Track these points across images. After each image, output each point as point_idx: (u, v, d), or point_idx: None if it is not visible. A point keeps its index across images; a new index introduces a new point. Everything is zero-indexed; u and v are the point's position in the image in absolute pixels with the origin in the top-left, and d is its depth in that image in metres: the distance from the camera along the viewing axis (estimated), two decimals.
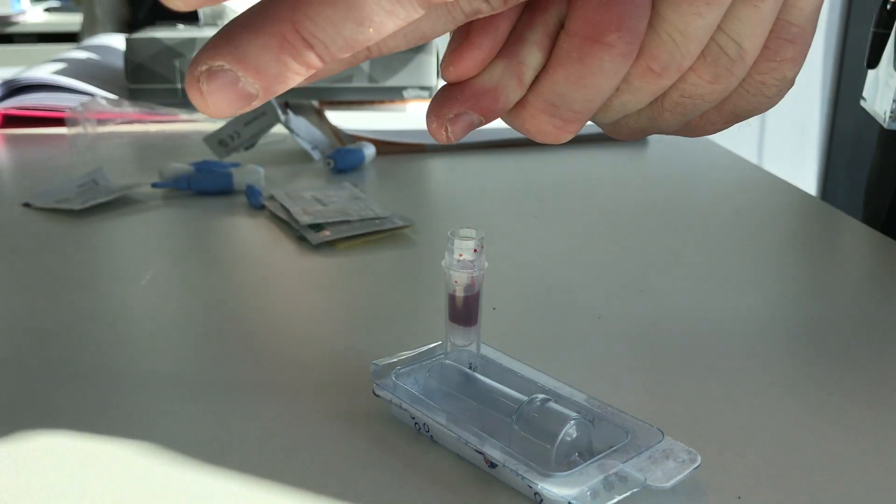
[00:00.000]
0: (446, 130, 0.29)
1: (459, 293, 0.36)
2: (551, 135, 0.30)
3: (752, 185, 0.73)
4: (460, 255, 0.35)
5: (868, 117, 0.72)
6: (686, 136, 0.34)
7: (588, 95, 0.28)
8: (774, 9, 0.29)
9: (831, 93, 2.24)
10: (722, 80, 0.30)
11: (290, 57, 0.24)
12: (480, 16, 0.27)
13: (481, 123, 0.29)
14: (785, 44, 0.31)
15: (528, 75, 0.29)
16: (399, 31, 0.26)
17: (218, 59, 0.24)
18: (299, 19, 0.23)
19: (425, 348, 0.38)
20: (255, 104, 0.25)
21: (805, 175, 2.30)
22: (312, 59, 0.24)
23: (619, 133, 0.34)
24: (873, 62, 0.69)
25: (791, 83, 0.32)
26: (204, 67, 0.24)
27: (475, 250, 0.36)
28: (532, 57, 0.28)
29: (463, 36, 0.29)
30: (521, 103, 0.29)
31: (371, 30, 0.24)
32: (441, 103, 0.29)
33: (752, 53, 0.30)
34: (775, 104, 0.33)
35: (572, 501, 0.29)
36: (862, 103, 0.72)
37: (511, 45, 0.29)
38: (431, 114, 0.29)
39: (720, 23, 0.29)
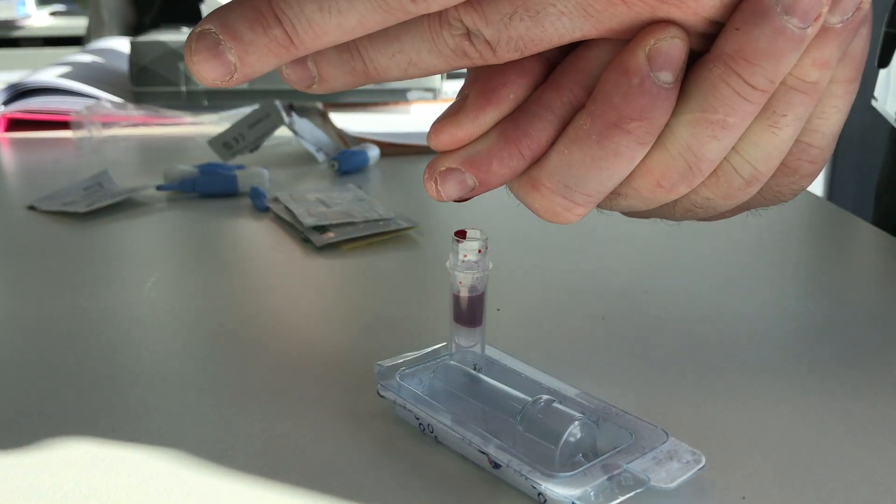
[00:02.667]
0: (436, 183, 0.29)
1: (464, 294, 0.36)
2: (561, 216, 0.30)
3: None
4: (465, 256, 0.35)
5: (874, 118, 0.72)
6: (699, 221, 0.34)
7: (601, 178, 0.28)
8: (794, 135, 0.29)
9: None
10: (734, 198, 0.30)
11: (262, 27, 0.26)
12: (469, 60, 0.27)
13: (476, 187, 0.29)
14: (804, 164, 0.30)
15: (529, 149, 0.29)
16: (385, 51, 0.27)
17: (208, 23, 0.27)
18: None
19: (430, 349, 0.38)
20: (237, 78, 0.27)
21: None
22: (279, 34, 0.26)
23: (629, 214, 0.34)
24: (885, 61, 0.69)
25: (807, 187, 0.32)
26: (197, 30, 0.27)
27: (480, 251, 0.36)
28: (535, 130, 0.28)
29: (458, 105, 0.29)
30: (531, 181, 0.29)
31: (332, 18, 0.26)
32: (436, 157, 0.30)
33: (767, 174, 0.30)
34: (787, 201, 0.33)
35: (576, 502, 0.29)
36: (873, 103, 0.71)
37: (515, 115, 0.29)
38: (427, 167, 0.30)
39: (736, 146, 0.29)
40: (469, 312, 0.36)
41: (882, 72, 0.70)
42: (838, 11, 0.27)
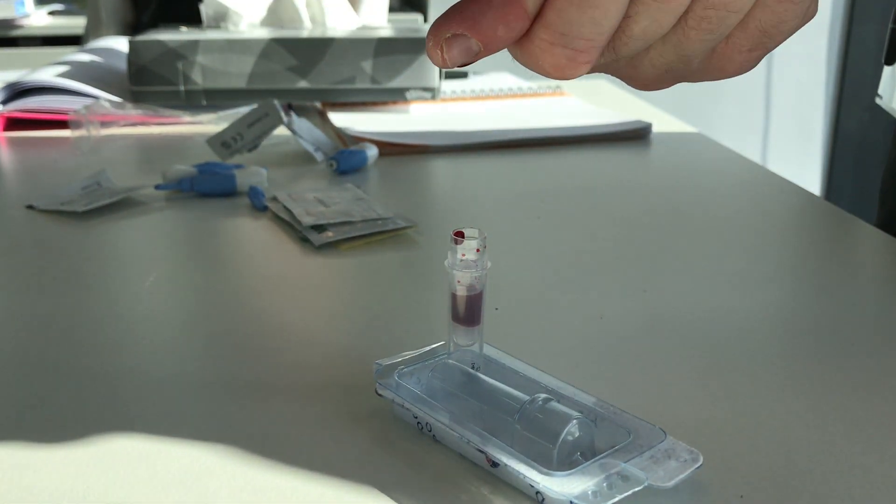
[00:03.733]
0: (441, 51, 0.29)
1: (462, 293, 0.36)
2: (567, 67, 0.29)
3: (756, 186, 0.73)
4: (463, 256, 0.35)
5: (874, 116, 0.72)
6: (715, 77, 0.33)
7: (595, 19, 0.28)
8: None
9: (836, 92, 2.24)
10: (744, 5, 0.29)
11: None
12: None
13: (480, 52, 0.29)
14: None
15: (532, 4, 0.28)
16: None
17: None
18: None
19: (428, 348, 0.38)
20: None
21: (809, 175, 2.30)
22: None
23: (642, 78, 0.32)
24: (891, 59, 0.69)
25: (808, 17, 0.31)
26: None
27: (478, 250, 0.36)
28: None
29: None
30: (529, 38, 0.29)
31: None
32: (440, 23, 0.29)
33: None
34: (802, 18, 0.31)
35: (574, 501, 0.29)
36: (877, 101, 0.71)
37: None
38: (430, 33, 0.29)
39: None
40: (467, 311, 0.36)
41: (887, 69, 0.70)
42: None
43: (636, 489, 0.30)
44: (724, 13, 0.29)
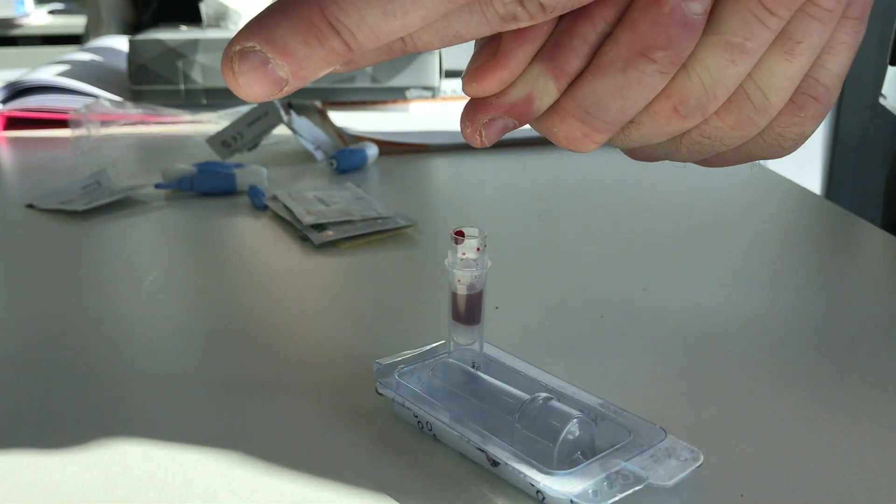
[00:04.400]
0: (480, 135, 0.29)
1: (462, 292, 0.36)
2: (579, 142, 0.30)
3: (757, 185, 0.73)
4: (463, 255, 0.35)
5: (873, 116, 0.72)
6: (700, 165, 0.34)
7: (622, 106, 0.29)
8: (806, 65, 0.30)
9: None
10: (743, 128, 0.31)
11: (317, 40, 0.24)
12: (517, 24, 0.27)
13: (515, 126, 0.30)
14: (810, 101, 0.31)
15: (566, 83, 0.29)
16: (432, 28, 0.26)
17: (250, 40, 0.24)
18: (326, 4, 0.24)
19: (428, 347, 0.38)
20: (287, 90, 0.25)
21: (810, 174, 2.29)
22: (338, 44, 0.24)
23: (634, 155, 0.34)
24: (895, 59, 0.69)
25: (807, 138, 0.33)
26: (237, 48, 0.25)
27: (478, 249, 0.36)
28: (571, 64, 0.29)
29: (490, 49, 0.29)
30: (553, 109, 0.29)
31: (397, 20, 0.24)
32: (475, 108, 0.29)
33: (777, 106, 0.30)
34: (789, 154, 0.33)
35: (574, 500, 0.29)
36: (881, 101, 0.71)
37: (550, 50, 0.29)
38: (466, 118, 0.30)
39: (751, 73, 0.29)
40: (468, 311, 0.36)
41: (891, 69, 0.70)
42: None
43: (637, 488, 0.30)
44: (718, 144, 0.31)
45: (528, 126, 0.31)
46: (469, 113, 0.30)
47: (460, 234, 0.35)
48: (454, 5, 0.25)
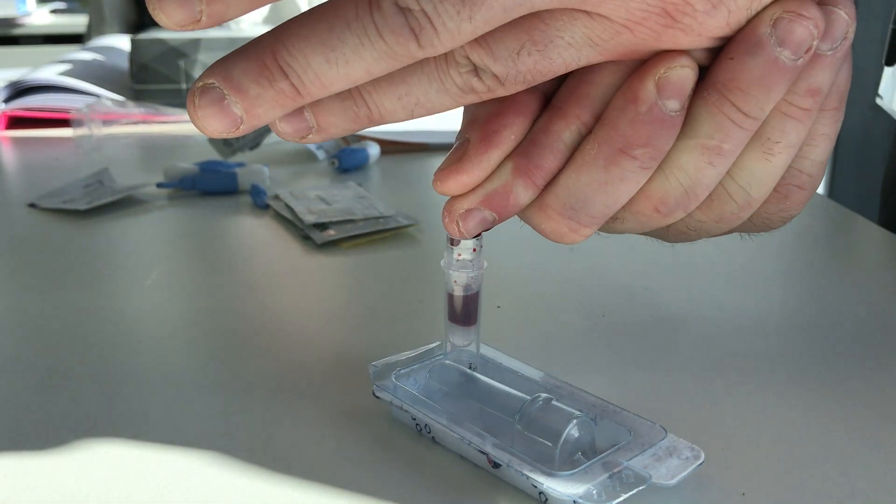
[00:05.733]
0: (458, 226, 0.30)
1: (458, 293, 0.36)
2: (567, 237, 0.30)
3: None
4: (459, 255, 0.35)
5: (876, 116, 0.71)
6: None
7: (606, 201, 0.29)
8: (786, 162, 0.30)
9: None
10: (727, 223, 0.31)
11: (268, 81, 0.25)
12: (477, 96, 0.27)
13: (496, 221, 0.30)
14: (794, 190, 0.31)
15: (542, 179, 0.29)
16: (392, 94, 0.27)
17: (211, 77, 0.26)
18: (278, 48, 0.25)
19: (424, 349, 0.38)
20: (243, 129, 0.26)
21: None
22: (286, 86, 0.26)
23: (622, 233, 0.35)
24: (892, 59, 0.69)
25: (794, 216, 0.33)
26: (199, 84, 0.26)
27: (474, 250, 0.35)
28: (546, 160, 0.29)
29: (461, 151, 0.30)
30: (539, 205, 0.30)
31: (340, 69, 0.25)
32: (454, 198, 0.30)
33: (760, 200, 0.31)
34: (776, 228, 0.34)
35: (578, 500, 0.29)
36: (877, 101, 0.71)
37: (525, 147, 0.29)
38: (445, 208, 0.30)
39: (731, 171, 0.30)
40: (464, 312, 0.36)
41: (888, 70, 0.70)
42: (828, 40, 0.28)
43: (641, 488, 0.30)
44: (704, 233, 0.32)
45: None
46: (448, 203, 0.30)
47: None
48: (397, 62, 0.26)
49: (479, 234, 0.31)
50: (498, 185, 0.29)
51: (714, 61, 0.28)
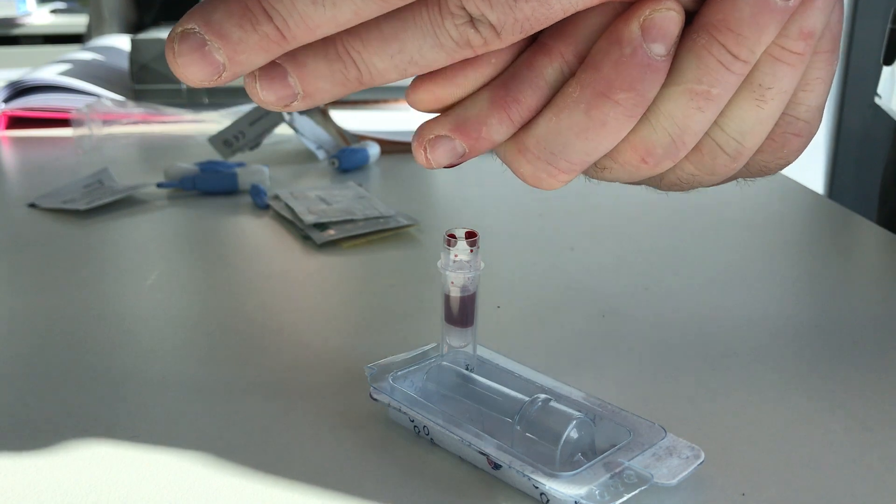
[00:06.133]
0: (425, 151, 0.29)
1: (455, 294, 0.36)
2: (545, 182, 0.29)
3: (759, 184, 0.72)
4: (456, 256, 0.35)
5: (877, 115, 0.71)
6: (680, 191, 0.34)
7: (587, 148, 0.28)
8: (779, 109, 0.29)
9: (839, 90, 2.23)
10: (720, 174, 0.30)
11: (251, 25, 0.25)
12: (472, 50, 0.26)
13: (465, 153, 0.29)
14: (790, 137, 0.30)
15: (519, 115, 0.28)
16: (385, 53, 0.26)
17: (191, 22, 0.25)
18: None
19: (420, 350, 0.38)
20: (225, 77, 0.25)
21: (812, 174, 2.29)
22: (271, 30, 0.25)
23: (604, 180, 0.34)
24: (890, 59, 0.69)
25: (792, 162, 0.32)
26: (178, 30, 0.25)
27: (471, 251, 0.35)
28: (526, 97, 0.28)
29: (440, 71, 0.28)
30: (517, 146, 0.29)
31: (327, 11, 0.24)
32: (425, 124, 0.29)
33: (752, 149, 0.30)
34: (773, 174, 0.33)
35: (581, 501, 0.29)
36: (876, 100, 0.71)
37: (504, 79, 0.28)
38: (415, 134, 0.29)
39: (720, 121, 0.29)
40: (461, 313, 0.36)
41: (886, 69, 0.70)
42: None
43: (643, 488, 0.30)
44: (697, 185, 0.31)
45: None
46: (420, 128, 0.29)
47: (453, 235, 0.35)
48: (387, 4, 0.25)
49: (450, 165, 0.29)
50: (472, 114, 0.28)
51: (703, 3, 0.27)
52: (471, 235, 0.35)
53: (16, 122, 0.92)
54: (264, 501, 0.32)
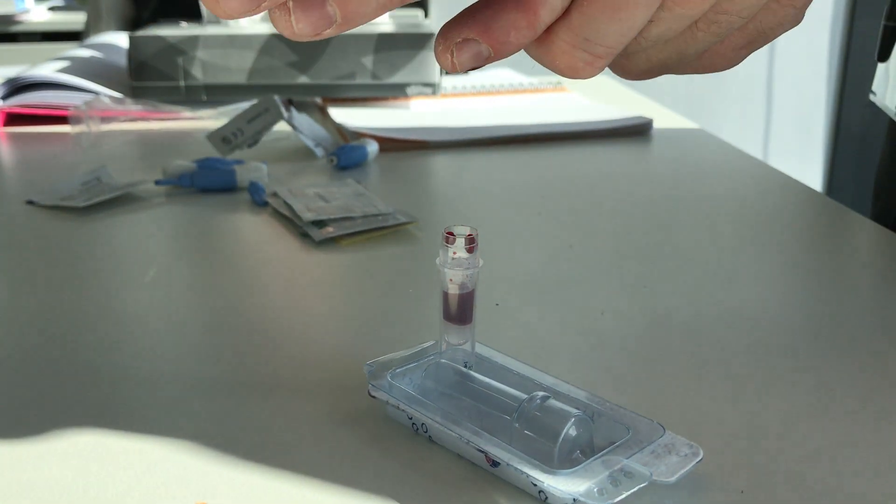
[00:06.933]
0: (452, 55, 0.28)
1: (454, 291, 0.36)
2: (582, 70, 0.29)
3: (758, 182, 0.73)
4: (454, 254, 0.35)
5: (875, 112, 0.71)
6: (703, 71, 0.33)
7: (622, 29, 0.28)
8: None
9: (837, 88, 2.23)
10: (750, 8, 0.30)
11: None
12: None
13: (490, 57, 0.28)
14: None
15: (550, 15, 0.28)
16: None
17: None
18: None
19: (419, 348, 0.38)
20: (264, 5, 0.25)
21: (811, 171, 2.29)
22: None
23: (634, 70, 0.33)
24: (885, 55, 0.69)
25: (788, 28, 0.32)
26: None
27: (470, 248, 0.35)
28: None
29: None
30: (551, 39, 0.28)
31: None
32: (450, 26, 0.28)
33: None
34: (795, 20, 0.32)
35: (579, 498, 0.29)
36: (871, 97, 0.71)
37: None
38: (440, 36, 0.28)
39: None
40: (459, 310, 0.36)
41: (881, 66, 0.70)
42: None
43: (642, 485, 0.30)
44: (735, 18, 0.30)
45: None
46: (444, 31, 0.28)
47: (452, 233, 0.35)
48: None
49: (473, 68, 0.29)
50: (501, 17, 0.27)
51: None
52: (469, 233, 0.35)
53: (14, 118, 0.92)
54: (263, 498, 0.32)
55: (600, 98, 1.00)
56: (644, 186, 0.71)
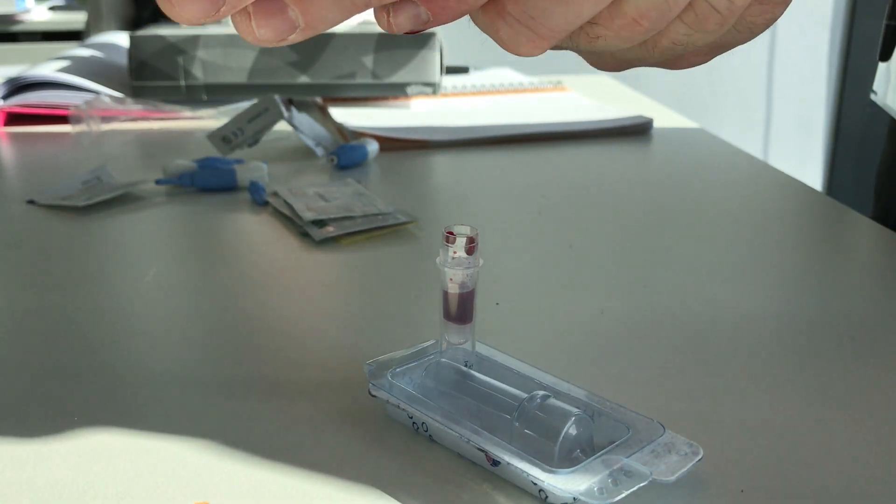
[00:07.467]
0: (388, 14, 0.27)
1: (454, 291, 0.36)
2: (524, 47, 0.28)
3: (758, 181, 0.73)
4: (455, 253, 0.35)
5: (875, 112, 0.71)
6: (668, 69, 0.33)
7: (568, 16, 0.27)
8: None
9: (837, 87, 2.23)
10: (713, 33, 0.30)
11: None
12: None
13: (429, 21, 0.27)
14: None
15: None
16: None
17: None
18: None
19: (419, 347, 0.38)
20: (224, 11, 0.24)
21: (811, 171, 2.29)
22: None
23: (602, 63, 0.33)
24: (887, 55, 0.69)
25: (777, 18, 0.31)
26: None
27: (470, 248, 0.35)
28: None
29: None
30: (497, 10, 0.28)
31: None
32: None
33: (743, 6, 0.29)
34: (760, 34, 0.32)
35: (579, 497, 0.29)
36: (872, 97, 0.71)
37: None
38: None
39: None
40: (459, 309, 0.36)
41: (882, 65, 0.70)
42: None
43: (642, 484, 0.30)
44: (690, 46, 0.30)
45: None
46: None
47: (452, 232, 0.35)
48: None
49: (412, 32, 0.28)
50: None
51: None
52: (469, 232, 0.35)
53: (14, 118, 0.92)
54: (263, 497, 0.32)
55: (600, 98, 1.00)
56: (644, 186, 0.71)
